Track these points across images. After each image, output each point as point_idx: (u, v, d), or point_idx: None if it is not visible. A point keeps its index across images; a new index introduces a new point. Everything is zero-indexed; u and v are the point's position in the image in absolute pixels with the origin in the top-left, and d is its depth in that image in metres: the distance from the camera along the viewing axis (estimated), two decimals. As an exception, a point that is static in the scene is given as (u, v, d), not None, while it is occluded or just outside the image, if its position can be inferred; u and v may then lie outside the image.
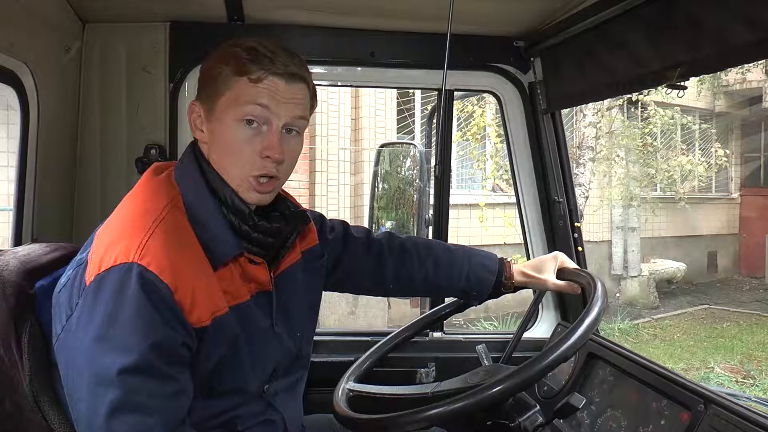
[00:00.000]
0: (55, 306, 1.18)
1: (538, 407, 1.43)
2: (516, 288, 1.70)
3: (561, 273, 1.64)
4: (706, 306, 9.95)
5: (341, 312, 7.18)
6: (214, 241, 1.22)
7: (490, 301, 1.74)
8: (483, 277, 1.65)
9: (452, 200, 2.13)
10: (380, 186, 2.34)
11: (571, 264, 1.67)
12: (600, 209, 10.24)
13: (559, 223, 1.99)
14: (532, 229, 2.05)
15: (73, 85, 1.84)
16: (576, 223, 2.01)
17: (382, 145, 2.50)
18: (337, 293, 1.73)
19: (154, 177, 1.28)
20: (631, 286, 10.23)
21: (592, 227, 10.44)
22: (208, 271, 1.19)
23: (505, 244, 7.52)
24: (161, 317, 1.11)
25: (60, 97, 1.77)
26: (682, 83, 1.48)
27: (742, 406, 1.19)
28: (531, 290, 1.75)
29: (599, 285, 1.45)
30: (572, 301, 1.96)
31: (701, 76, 10.46)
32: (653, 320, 9.01)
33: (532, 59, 2.00)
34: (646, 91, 8.26)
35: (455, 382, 1.46)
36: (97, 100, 1.87)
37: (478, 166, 7.96)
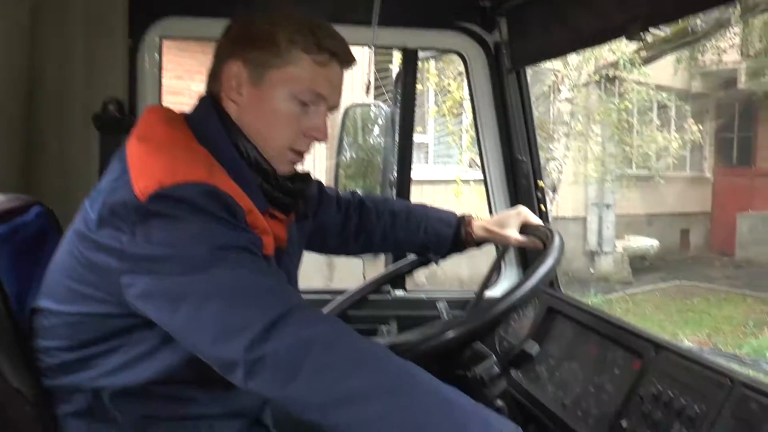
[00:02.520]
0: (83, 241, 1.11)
1: (494, 358, 1.44)
2: (478, 244, 1.70)
3: (524, 229, 1.64)
4: (678, 282, 10.11)
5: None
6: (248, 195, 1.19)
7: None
8: (441, 231, 1.65)
9: (428, 176, 2.13)
10: (346, 148, 2.32)
11: (534, 219, 1.66)
12: (575, 185, 10.30)
13: (522, 182, 1.99)
14: (496, 189, 2.04)
15: (29, 35, 1.79)
16: (539, 183, 2.01)
17: (349, 107, 2.47)
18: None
19: (173, 126, 1.21)
20: (606, 262, 10.35)
21: (567, 203, 10.51)
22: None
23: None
24: (242, 227, 1.10)
25: (12, 46, 1.73)
26: (643, 34, 1.48)
27: (689, 351, 1.20)
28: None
29: (557, 237, 1.46)
30: (535, 258, 1.97)
31: (678, 56, 10.57)
32: (626, 295, 9.14)
33: (497, 19, 1.99)
34: (623, 68, 8.32)
35: (411, 335, 1.47)
36: (53, 51, 1.82)
37: (454, 140, 7.96)
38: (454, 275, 7.21)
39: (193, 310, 1.01)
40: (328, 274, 7.13)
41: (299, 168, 1.35)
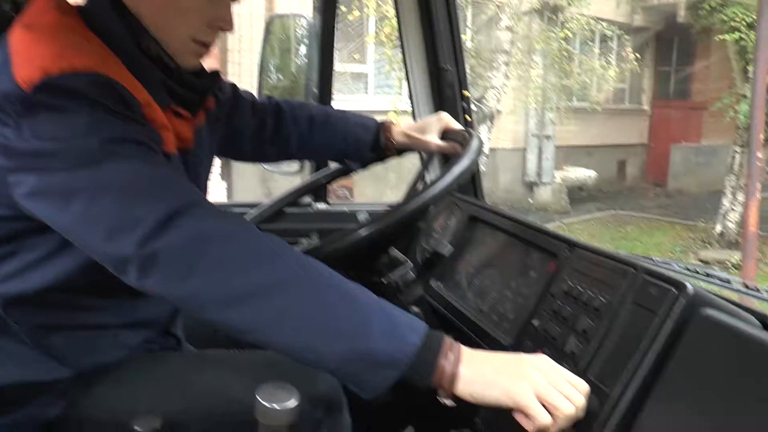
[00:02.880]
0: None
1: (410, 264, 1.41)
2: (399, 151, 1.65)
3: (445, 134, 1.59)
4: (613, 211, 10.39)
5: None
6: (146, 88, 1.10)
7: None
8: (361, 136, 1.59)
9: (368, 107, 2.05)
10: (269, 60, 2.23)
11: (456, 125, 1.61)
12: (515, 118, 10.35)
13: (447, 92, 1.93)
14: (420, 98, 1.99)
15: None
16: (465, 92, 1.96)
17: (272, 17, 2.36)
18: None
19: (65, 14, 1.09)
20: (544, 192, 10.53)
21: (507, 135, 10.58)
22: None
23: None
24: (138, 121, 1.03)
25: None
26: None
27: (601, 248, 1.19)
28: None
29: (475, 139, 1.42)
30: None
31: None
32: (563, 224, 9.34)
33: None
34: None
35: (322, 240, 1.42)
36: None
37: (391, 67, 7.83)
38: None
39: (83, 206, 0.95)
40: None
41: (208, 66, 1.27)
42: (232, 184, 7.79)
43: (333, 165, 1.78)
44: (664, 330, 0.89)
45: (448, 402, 0.92)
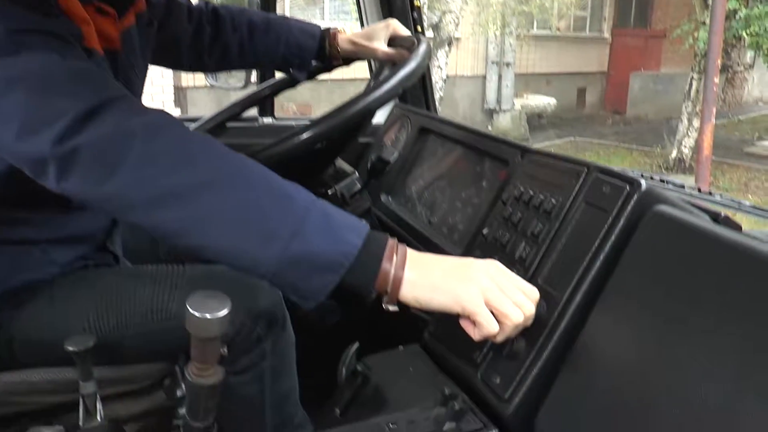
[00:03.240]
0: None
1: (356, 174, 1.34)
2: (346, 60, 1.56)
3: (393, 41, 1.50)
4: (572, 138, 10.43)
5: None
6: None
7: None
8: (304, 43, 1.49)
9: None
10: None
11: (404, 31, 1.52)
12: (475, 45, 10.18)
13: (396, 0, 1.83)
14: (369, 7, 1.87)
15: None
16: (416, 2, 1.85)
17: None
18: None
19: None
20: (503, 119, 10.50)
21: (466, 62, 10.44)
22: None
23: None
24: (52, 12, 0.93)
25: None
26: None
27: (554, 152, 1.13)
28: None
29: (423, 44, 1.33)
30: (412, 84, 1.85)
31: None
32: (522, 151, 9.33)
33: None
34: None
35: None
36: None
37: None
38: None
39: None
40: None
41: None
42: (187, 112, 7.56)
43: (279, 75, 1.68)
44: (616, 228, 0.85)
45: (391, 308, 0.87)
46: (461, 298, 0.83)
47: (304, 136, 1.10)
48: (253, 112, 1.88)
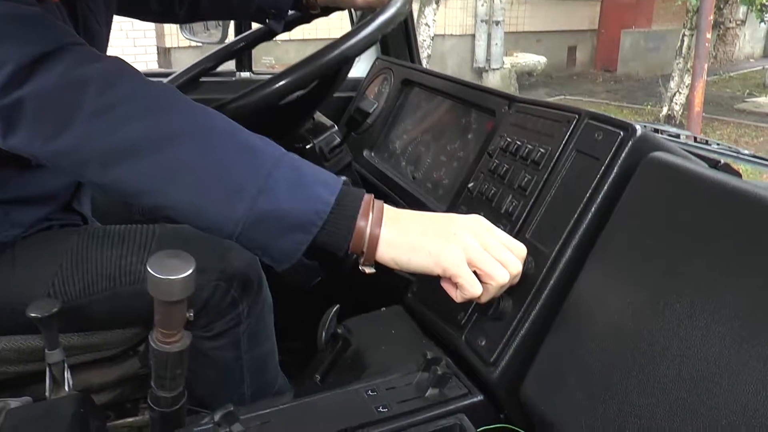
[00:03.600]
0: None
1: (335, 128, 1.27)
2: (324, 10, 1.47)
3: None
4: (562, 96, 10.31)
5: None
6: None
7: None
8: (279, -10, 1.41)
9: None
10: None
11: None
12: (464, 0, 10.01)
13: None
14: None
15: None
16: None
17: None
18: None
19: None
20: (493, 77, 10.36)
21: (455, 20, 10.26)
22: None
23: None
24: None
25: None
26: None
27: (543, 100, 1.07)
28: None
29: None
30: (394, 35, 1.77)
31: None
32: (512, 111, 9.24)
33: None
34: None
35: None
36: None
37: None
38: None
39: None
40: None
41: None
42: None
43: (255, 26, 1.59)
44: (609, 177, 0.79)
45: (368, 270, 0.81)
46: (441, 259, 0.77)
47: (277, 84, 1.03)
48: (230, 66, 1.80)
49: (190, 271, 0.72)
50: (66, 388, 0.99)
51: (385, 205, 0.81)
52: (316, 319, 1.04)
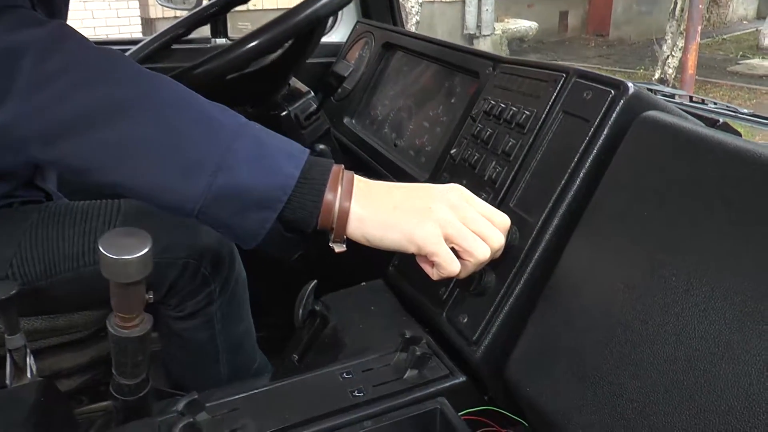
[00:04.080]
0: None
1: (311, 93, 1.20)
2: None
3: None
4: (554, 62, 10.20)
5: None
6: None
7: None
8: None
9: None
10: None
11: None
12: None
13: None
14: None
15: None
16: None
17: None
18: None
19: None
20: (484, 44, 10.21)
21: (445, -15, 10.09)
22: None
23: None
24: None
25: None
26: None
27: (528, 60, 1.00)
28: None
29: None
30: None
31: None
32: (503, 77, 9.12)
33: None
34: None
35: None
36: None
37: None
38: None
39: None
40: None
41: None
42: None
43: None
44: (599, 140, 0.73)
45: (337, 248, 0.75)
46: (416, 237, 0.71)
47: (246, 47, 0.96)
48: (206, 33, 1.71)
49: (146, 250, 0.66)
50: (29, 374, 0.94)
51: (356, 177, 0.75)
52: (295, 293, 0.99)
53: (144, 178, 0.71)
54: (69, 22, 0.93)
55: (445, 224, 0.71)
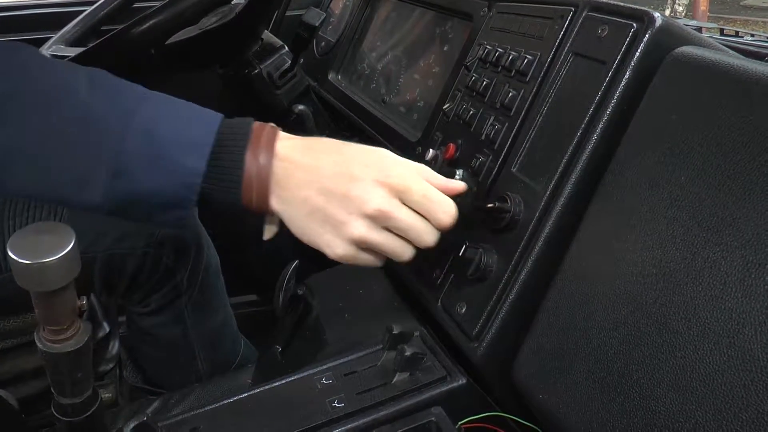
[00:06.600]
0: None
1: (285, 48, 1.08)
2: None
3: None
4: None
5: None
6: None
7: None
8: None
9: None
10: None
11: None
12: None
13: None
14: None
15: None
16: None
17: None
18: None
19: None
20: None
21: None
22: None
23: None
24: None
25: None
26: None
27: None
28: None
29: None
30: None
31: None
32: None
33: None
34: None
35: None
36: None
37: None
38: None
39: None
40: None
41: None
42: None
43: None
44: (619, 86, 0.59)
45: (267, 234, 0.65)
46: (330, 249, 0.62)
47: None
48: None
49: (67, 249, 0.53)
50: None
51: (277, 158, 0.60)
52: (276, 267, 0.87)
53: (36, 190, 0.58)
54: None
55: (360, 242, 0.61)
